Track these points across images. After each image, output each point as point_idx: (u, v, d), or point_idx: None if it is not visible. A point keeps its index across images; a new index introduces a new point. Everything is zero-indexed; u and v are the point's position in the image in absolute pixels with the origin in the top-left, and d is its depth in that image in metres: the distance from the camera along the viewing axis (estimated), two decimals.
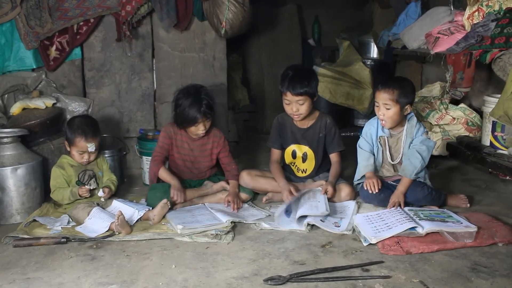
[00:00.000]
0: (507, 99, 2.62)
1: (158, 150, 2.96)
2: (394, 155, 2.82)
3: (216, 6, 3.44)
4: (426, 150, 2.70)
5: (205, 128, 2.87)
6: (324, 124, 2.98)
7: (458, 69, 3.27)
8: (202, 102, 2.80)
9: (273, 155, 3.08)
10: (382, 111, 2.70)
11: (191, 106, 2.79)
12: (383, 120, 2.73)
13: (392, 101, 2.67)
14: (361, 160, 2.84)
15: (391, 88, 2.67)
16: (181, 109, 2.83)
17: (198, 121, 2.82)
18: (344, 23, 5.78)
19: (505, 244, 2.23)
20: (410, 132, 2.76)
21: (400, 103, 2.67)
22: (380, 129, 2.80)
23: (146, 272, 2.05)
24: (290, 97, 2.85)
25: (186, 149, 2.98)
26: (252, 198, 2.97)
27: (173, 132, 2.97)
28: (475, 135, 3.47)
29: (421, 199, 2.65)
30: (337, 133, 3.00)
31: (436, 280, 1.92)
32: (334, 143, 2.99)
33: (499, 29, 2.87)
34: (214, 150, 3.02)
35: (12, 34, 3.37)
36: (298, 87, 2.81)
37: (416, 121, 2.78)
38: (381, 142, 2.82)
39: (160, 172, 2.90)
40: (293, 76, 2.84)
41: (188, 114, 2.81)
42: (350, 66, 5.06)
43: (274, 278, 1.95)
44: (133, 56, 3.62)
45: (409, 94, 2.70)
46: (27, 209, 2.78)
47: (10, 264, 2.16)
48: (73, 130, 2.75)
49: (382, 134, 2.79)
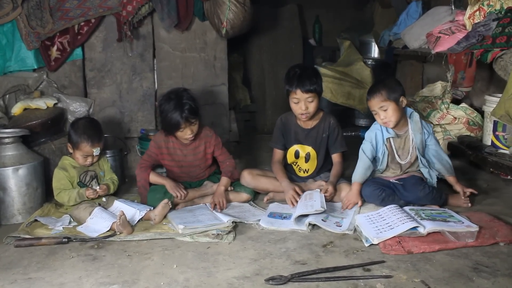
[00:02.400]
0: (508, 98, 2.62)
1: (146, 158, 2.93)
2: (402, 156, 2.82)
3: (217, 6, 3.44)
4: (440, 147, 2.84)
5: (192, 132, 2.80)
6: (327, 124, 2.97)
7: (459, 68, 3.28)
8: (184, 107, 2.71)
9: (275, 155, 3.08)
10: (382, 114, 2.71)
11: (173, 111, 2.71)
12: (386, 122, 2.73)
13: (385, 101, 2.68)
14: (360, 167, 2.80)
15: (377, 91, 2.70)
16: (164, 115, 2.77)
17: (181, 126, 2.74)
18: (345, 23, 5.79)
19: (506, 243, 2.23)
20: (417, 128, 2.77)
21: (393, 99, 2.69)
22: (385, 131, 2.79)
23: (147, 272, 2.05)
24: (299, 95, 2.82)
25: (180, 155, 2.94)
26: (253, 198, 2.97)
27: (163, 141, 2.91)
28: (476, 134, 3.47)
29: (421, 198, 2.65)
30: (340, 134, 2.99)
31: (438, 280, 1.92)
32: (336, 143, 2.98)
33: (500, 28, 2.87)
34: (208, 150, 2.97)
35: (13, 35, 3.37)
36: (308, 84, 2.79)
37: (418, 116, 2.78)
38: (387, 144, 2.81)
39: (151, 177, 2.88)
40: (301, 74, 2.82)
41: (170, 120, 2.73)
42: (351, 66, 5.06)
43: (275, 278, 1.94)
44: (134, 56, 3.63)
45: (396, 87, 2.73)
46: (28, 209, 2.78)
47: (12, 264, 2.16)
48: (79, 134, 2.72)
49: (388, 135, 2.78)
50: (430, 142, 2.81)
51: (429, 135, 2.80)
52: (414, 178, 2.76)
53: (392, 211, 2.48)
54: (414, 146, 2.77)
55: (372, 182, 2.79)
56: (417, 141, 2.77)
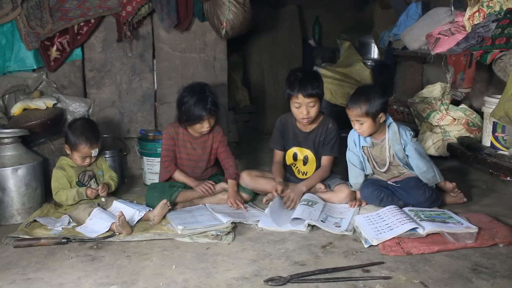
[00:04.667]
0: (508, 99, 2.62)
1: (165, 154, 2.95)
2: (379, 164, 2.81)
3: (217, 7, 3.44)
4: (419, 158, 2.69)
5: (209, 126, 2.88)
6: (325, 128, 2.97)
7: (459, 69, 3.27)
8: (208, 99, 2.81)
9: (276, 156, 3.08)
10: (357, 126, 2.70)
11: (197, 103, 2.80)
12: (361, 133, 2.73)
13: (362, 117, 2.65)
14: (351, 176, 2.85)
15: (357, 104, 2.64)
16: (187, 107, 2.82)
17: (204, 118, 2.82)
18: (344, 23, 5.79)
19: (505, 245, 2.23)
20: (395, 139, 2.71)
21: (371, 115, 2.64)
22: (362, 139, 2.78)
23: (146, 272, 2.05)
24: (301, 100, 2.81)
25: (189, 148, 2.98)
26: (253, 198, 2.97)
27: (174, 133, 2.97)
28: (476, 135, 3.47)
29: (422, 202, 2.65)
30: (335, 139, 2.96)
31: (437, 281, 1.92)
32: (328, 146, 2.96)
33: (500, 29, 2.87)
34: (214, 145, 3.01)
35: (13, 35, 3.37)
36: (310, 88, 2.78)
37: (397, 127, 2.71)
38: (365, 151, 2.81)
39: (175, 174, 2.94)
40: (303, 78, 2.81)
41: (194, 112, 2.81)
42: (351, 67, 5.06)
43: (274, 278, 1.94)
44: (133, 57, 3.63)
45: (378, 104, 2.63)
46: (27, 209, 2.78)
47: (11, 265, 2.16)
48: (77, 136, 2.72)
49: (365, 144, 2.78)
50: (409, 153, 2.72)
51: (406, 145, 2.71)
52: (412, 180, 2.74)
53: (392, 211, 2.48)
54: (391, 155, 2.75)
55: (370, 183, 2.79)
56: (395, 151, 2.73)
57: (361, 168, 2.82)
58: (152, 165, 3.30)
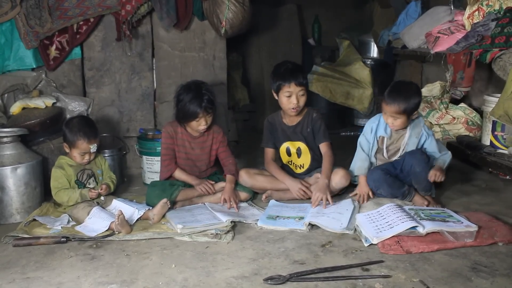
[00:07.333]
0: (507, 98, 2.63)
1: (165, 152, 2.96)
2: (390, 153, 2.82)
3: (216, 6, 3.44)
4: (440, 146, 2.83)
5: (206, 124, 2.89)
6: (310, 118, 3.02)
7: (458, 68, 3.28)
8: (203, 97, 2.82)
9: (267, 155, 3.11)
10: (390, 120, 2.74)
11: (192, 100, 2.82)
12: (392, 127, 2.77)
13: (398, 114, 2.68)
14: (357, 159, 2.89)
15: (396, 102, 2.66)
16: (182, 104, 2.85)
17: (199, 115, 2.84)
18: (344, 22, 5.78)
19: (505, 243, 2.23)
20: (415, 133, 2.78)
21: (407, 113, 2.69)
22: (381, 129, 2.80)
23: (146, 271, 2.05)
24: (293, 88, 2.88)
25: (187, 147, 2.99)
26: (252, 197, 2.97)
27: (173, 131, 2.97)
28: (475, 134, 3.47)
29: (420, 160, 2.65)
30: (322, 126, 3.01)
31: (436, 280, 1.92)
32: (319, 134, 3.01)
33: (499, 28, 2.87)
34: (214, 146, 3.02)
35: (12, 34, 3.36)
36: (301, 77, 2.89)
37: (423, 122, 2.79)
38: (379, 141, 2.83)
39: (176, 173, 2.95)
40: (293, 68, 2.92)
41: (189, 109, 2.83)
42: (350, 66, 5.06)
43: (274, 277, 1.94)
44: (133, 56, 3.62)
45: (415, 103, 2.69)
46: (27, 208, 2.78)
47: (10, 264, 2.16)
48: (74, 132, 2.73)
49: (384, 134, 2.80)
50: (428, 145, 2.79)
51: (427, 138, 2.78)
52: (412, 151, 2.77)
53: (392, 209, 2.48)
54: (404, 147, 2.79)
55: (376, 168, 2.82)
56: (411, 143, 2.78)
57: (367, 154, 2.86)
58: (151, 164, 3.30)
